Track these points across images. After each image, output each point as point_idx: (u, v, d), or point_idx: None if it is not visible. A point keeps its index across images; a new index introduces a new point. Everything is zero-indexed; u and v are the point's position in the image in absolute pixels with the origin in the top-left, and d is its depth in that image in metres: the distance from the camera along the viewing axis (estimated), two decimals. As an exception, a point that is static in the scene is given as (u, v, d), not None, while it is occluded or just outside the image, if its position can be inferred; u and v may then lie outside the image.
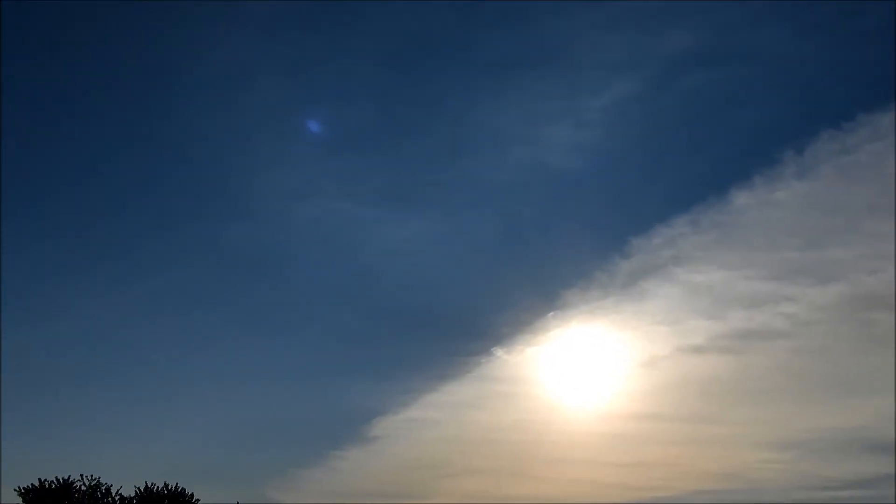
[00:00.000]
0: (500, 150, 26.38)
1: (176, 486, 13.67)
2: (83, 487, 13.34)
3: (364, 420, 24.17)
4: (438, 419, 25.44)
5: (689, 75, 25.99)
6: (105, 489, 13.46)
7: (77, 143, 25.68)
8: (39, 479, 13.16)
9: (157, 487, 13.59)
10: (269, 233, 26.45)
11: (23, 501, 13.10)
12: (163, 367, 24.51)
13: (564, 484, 23.75)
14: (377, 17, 24.53)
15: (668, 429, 25.27)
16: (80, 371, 24.18)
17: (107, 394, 23.74)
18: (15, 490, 13.18)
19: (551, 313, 25.73)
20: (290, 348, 25.75)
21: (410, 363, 25.50)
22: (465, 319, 25.68)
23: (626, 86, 25.95)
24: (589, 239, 26.54)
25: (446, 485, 24.05)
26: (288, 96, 25.04)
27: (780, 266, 24.69)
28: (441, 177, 26.93)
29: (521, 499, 23.64)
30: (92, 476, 13.45)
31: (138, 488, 13.56)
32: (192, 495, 13.83)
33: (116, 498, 13.56)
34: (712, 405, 25.59)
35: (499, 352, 25.15)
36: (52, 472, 13.47)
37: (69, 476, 13.34)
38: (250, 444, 23.74)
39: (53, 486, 13.16)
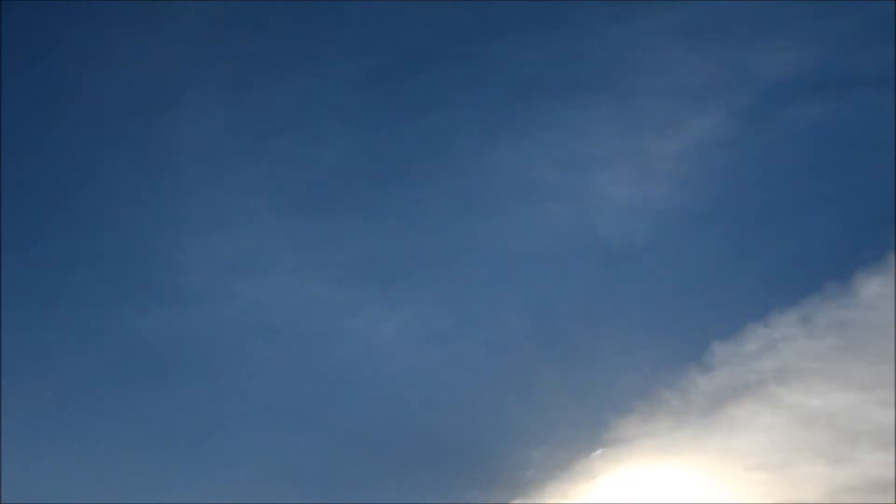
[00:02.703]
0: (528, 207, 19.09)
1: None
2: None
3: None
4: None
5: (797, 106, 18.84)
6: None
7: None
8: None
9: None
10: (195, 321, 18.66)
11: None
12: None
13: None
14: (357, 19, 17.81)
15: None
16: None
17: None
18: None
19: (599, 451, 19.28)
20: (215, 490, 18.56)
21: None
22: (469, 456, 18.39)
23: (707, 121, 19.15)
24: (654, 342, 19.45)
25: None
26: (226, 127, 17.91)
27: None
28: (443, 245, 19.47)
29: None
30: None
31: None
32: None
33: None
34: None
35: (520, 508, 18.82)
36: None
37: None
38: None
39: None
